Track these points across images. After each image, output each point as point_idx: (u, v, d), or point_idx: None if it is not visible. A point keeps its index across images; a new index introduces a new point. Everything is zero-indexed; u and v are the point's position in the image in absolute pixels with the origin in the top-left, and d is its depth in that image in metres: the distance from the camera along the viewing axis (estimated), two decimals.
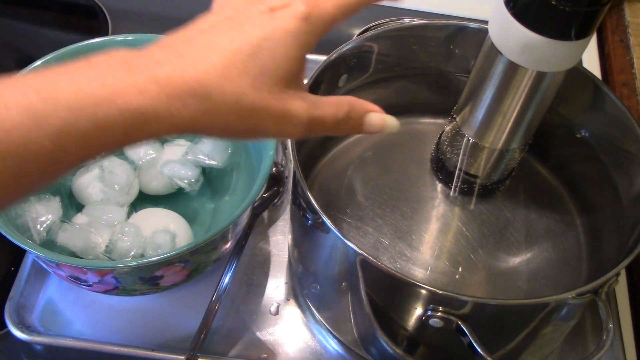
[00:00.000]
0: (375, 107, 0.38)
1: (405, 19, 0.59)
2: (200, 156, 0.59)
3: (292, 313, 0.59)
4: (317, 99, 0.35)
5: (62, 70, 0.30)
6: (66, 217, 0.56)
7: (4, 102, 0.28)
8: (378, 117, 0.37)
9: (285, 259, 0.62)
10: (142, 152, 0.60)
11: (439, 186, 0.60)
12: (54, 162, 0.29)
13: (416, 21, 0.59)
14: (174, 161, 0.59)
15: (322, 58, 0.54)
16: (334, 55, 0.55)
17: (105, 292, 0.53)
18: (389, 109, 0.65)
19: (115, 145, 0.31)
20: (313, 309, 0.58)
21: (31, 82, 0.29)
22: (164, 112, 0.31)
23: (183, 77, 0.31)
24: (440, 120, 0.65)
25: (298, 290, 0.60)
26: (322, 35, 0.35)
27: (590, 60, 0.81)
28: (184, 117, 0.31)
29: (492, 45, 0.47)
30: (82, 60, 0.31)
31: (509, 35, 0.44)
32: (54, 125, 0.28)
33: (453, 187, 0.59)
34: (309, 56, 0.42)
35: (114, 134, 0.30)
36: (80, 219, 0.56)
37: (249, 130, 0.34)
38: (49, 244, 0.54)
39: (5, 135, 0.28)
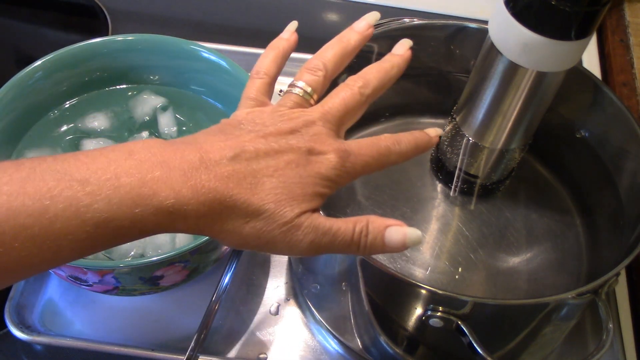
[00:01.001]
0: (395, 221, 0.37)
1: (405, 19, 0.59)
2: None
3: (292, 313, 0.59)
4: (332, 218, 0.36)
5: (104, 159, 0.32)
6: None
7: (49, 190, 0.29)
8: (399, 231, 0.37)
9: (285, 259, 0.62)
10: None
11: (439, 186, 0.60)
12: (87, 248, 0.31)
13: (416, 21, 0.59)
14: None
15: None
16: None
17: (105, 292, 0.53)
18: (389, 109, 0.66)
19: (145, 235, 0.33)
20: (313, 309, 0.58)
21: (74, 173, 0.30)
22: (191, 214, 0.32)
23: (216, 187, 0.33)
24: (440, 120, 0.65)
25: (298, 290, 0.60)
26: (344, 185, 0.37)
27: (590, 60, 0.81)
28: (207, 222, 0.33)
29: (492, 45, 0.47)
30: (122, 147, 0.33)
31: (509, 35, 0.44)
32: (93, 219, 0.30)
33: (453, 187, 0.59)
34: (310, 56, 0.42)
35: (146, 228, 0.32)
36: None
37: (260, 246, 0.35)
38: None
39: (48, 224, 0.29)
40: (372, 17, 0.43)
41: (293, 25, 0.43)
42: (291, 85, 0.39)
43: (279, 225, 0.34)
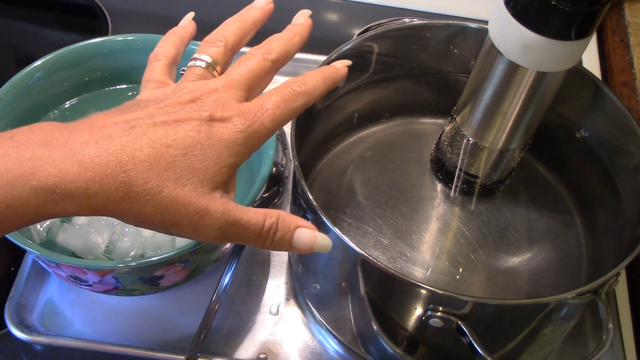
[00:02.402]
0: (307, 223, 0.36)
1: (405, 19, 0.59)
2: None
3: (292, 313, 0.59)
4: (243, 207, 0.35)
5: None
6: (66, 217, 0.56)
7: None
8: (309, 234, 0.36)
9: (285, 259, 0.62)
10: None
11: (439, 186, 0.60)
12: None
13: (416, 21, 0.59)
14: None
15: (322, 58, 0.54)
16: (334, 55, 0.55)
17: (105, 292, 0.53)
18: (389, 109, 0.66)
19: (26, 222, 0.31)
20: (313, 309, 0.58)
21: None
22: (79, 193, 0.30)
23: (107, 162, 0.30)
24: (440, 120, 0.65)
25: (298, 290, 0.60)
26: (256, 148, 0.35)
27: (590, 60, 0.81)
28: (99, 201, 0.31)
29: (492, 45, 0.47)
30: (5, 132, 0.31)
31: (509, 35, 0.44)
32: None
33: (453, 187, 0.59)
34: (310, 56, 0.42)
35: (27, 213, 0.30)
36: (80, 219, 0.56)
37: (163, 223, 0.33)
38: (49, 244, 0.54)
39: None
40: None
41: (190, 15, 0.44)
42: (193, 59, 0.38)
43: (183, 206, 0.32)
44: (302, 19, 0.42)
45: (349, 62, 0.42)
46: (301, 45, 0.41)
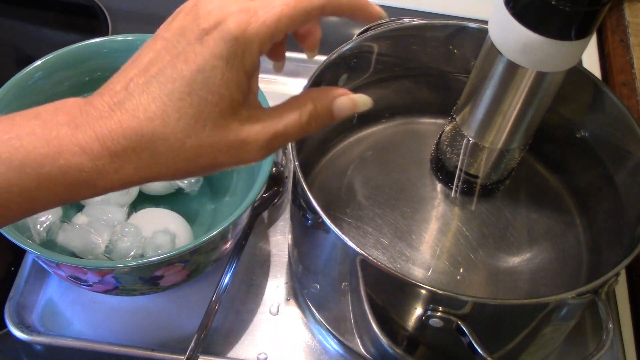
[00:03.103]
0: (340, 90, 0.35)
1: (405, 19, 0.59)
2: None
3: (292, 313, 0.59)
4: (274, 111, 0.33)
5: (8, 122, 0.30)
6: (66, 217, 0.56)
7: None
8: (347, 100, 0.34)
9: (285, 259, 0.62)
10: None
11: (439, 186, 0.60)
12: None
13: (416, 21, 0.59)
14: None
15: (322, 58, 0.54)
16: (334, 55, 0.55)
17: (105, 292, 0.53)
18: (389, 109, 0.66)
19: (60, 201, 0.31)
20: (313, 309, 0.58)
21: None
22: (107, 169, 0.30)
23: (124, 132, 0.30)
24: (440, 120, 0.65)
25: (298, 290, 0.60)
26: (262, 51, 0.32)
27: (590, 60, 0.81)
28: (129, 172, 0.30)
29: (492, 45, 0.47)
30: (31, 110, 0.31)
31: (509, 35, 0.44)
32: None
33: (453, 187, 0.59)
34: None
35: (56, 192, 0.30)
36: (80, 219, 0.56)
37: (202, 168, 0.32)
38: (49, 244, 0.54)
39: None
40: None
41: None
42: None
43: (216, 147, 0.31)
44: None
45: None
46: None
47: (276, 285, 0.60)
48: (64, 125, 0.30)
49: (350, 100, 0.34)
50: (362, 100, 0.35)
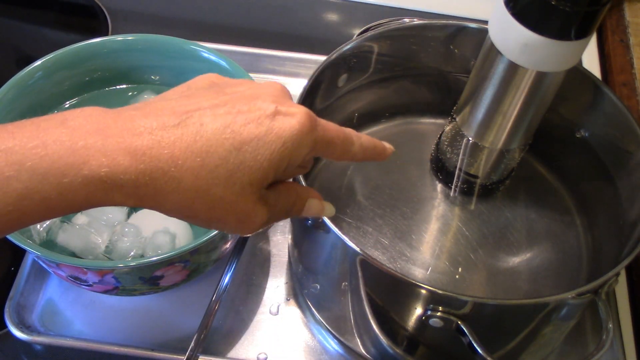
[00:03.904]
0: (316, 194, 0.39)
1: (405, 19, 0.59)
2: None
3: (292, 313, 0.59)
4: (274, 197, 0.35)
5: (33, 127, 0.30)
6: (66, 217, 0.56)
7: None
8: (317, 203, 0.39)
9: (285, 259, 0.62)
10: None
11: (439, 186, 0.60)
12: (13, 222, 0.29)
13: (416, 21, 0.59)
14: None
15: (322, 58, 0.54)
16: (334, 55, 0.55)
17: (105, 292, 0.53)
18: (389, 109, 0.66)
19: (76, 209, 0.31)
20: (313, 309, 0.58)
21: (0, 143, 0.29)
22: (129, 185, 0.30)
23: (159, 155, 0.30)
24: (440, 120, 0.65)
25: (298, 290, 0.60)
26: (307, 157, 0.35)
27: (590, 60, 0.81)
28: (148, 193, 0.31)
29: (492, 45, 0.47)
30: (57, 115, 0.30)
31: (509, 35, 0.44)
32: (16, 190, 0.28)
33: (453, 187, 0.59)
34: (310, 56, 0.42)
35: (76, 201, 0.30)
36: (80, 219, 0.56)
37: (209, 219, 0.33)
38: (49, 244, 0.54)
39: None
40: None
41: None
42: None
43: (230, 205, 0.32)
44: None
45: (393, 150, 0.42)
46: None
47: (276, 285, 0.60)
48: (93, 133, 0.30)
49: (320, 204, 0.39)
50: (329, 209, 0.40)
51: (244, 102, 0.33)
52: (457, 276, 0.55)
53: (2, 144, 0.28)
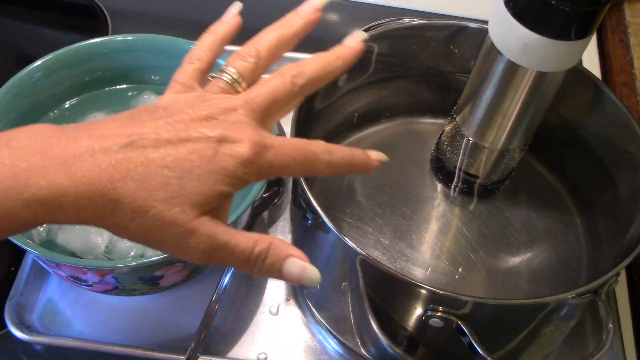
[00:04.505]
0: (299, 253, 0.34)
1: (405, 19, 0.59)
2: None
3: (292, 313, 0.59)
4: (234, 230, 0.34)
5: None
6: None
7: None
8: (299, 264, 0.34)
9: None
10: None
11: (439, 186, 0.60)
12: None
13: (416, 21, 0.59)
14: None
15: None
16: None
17: (105, 292, 0.53)
18: (389, 109, 0.66)
19: (20, 230, 0.31)
20: (313, 309, 0.58)
21: None
22: (69, 206, 0.30)
23: (99, 179, 0.30)
24: (440, 120, 0.65)
25: (298, 290, 0.60)
26: (255, 182, 0.34)
27: (590, 60, 0.81)
28: (88, 214, 0.31)
29: (492, 45, 0.47)
30: (2, 135, 0.31)
31: (509, 35, 0.44)
32: None
33: (453, 187, 0.59)
34: (309, 56, 0.42)
35: (18, 222, 0.30)
36: None
37: (147, 239, 0.32)
38: (49, 244, 0.54)
39: None
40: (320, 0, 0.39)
41: (236, 6, 0.40)
42: (220, 70, 0.37)
43: (168, 227, 0.31)
44: (352, 42, 0.39)
45: (384, 158, 0.39)
46: (343, 70, 0.38)
47: (276, 285, 0.60)
48: (35, 154, 0.30)
49: (302, 266, 0.34)
50: (312, 273, 0.35)
51: (189, 128, 0.32)
52: (457, 276, 0.55)
53: None
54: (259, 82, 0.36)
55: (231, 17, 0.39)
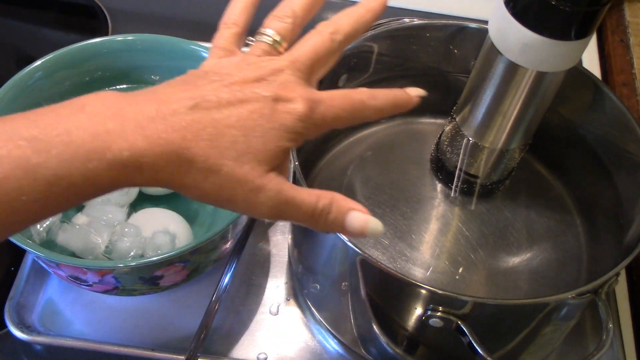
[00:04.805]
0: (360, 207, 0.36)
1: (405, 19, 0.60)
2: None
3: (292, 313, 0.59)
4: (298, 187, 0.35)
5: (54, 115, 0.31)
6: (66, 217, 0.56)
7: None
8: (362, 217, 0.35)
9: (285, 259, 0.62)
10: None
11: (439, 186, 0.60)
12: (43, 209, 0.30)
13: (416, 21, 0.59)
14: None
15: None
16: None
17: (105, 292, 0.53)
18: None
19: (101, 193, 0.32)
20: (313, 309, 0.58)
21: (23, 132, 0.30)
22: (148, 167, 0.31)
23: (173, 139, 0.31)
24: (440, 120, 0.65)
25: (298, 290, 0.60)
26: (314, 136, 0.35)
27: (590, 60, 0.81)
28: (165, 175, 0.32)
29: (492, 45, 0.47)
30: (75, 102, 0.32)
31: (509, 35, 0.44)
32: (45, 177, 0.29)
33: (453, 187, 0.59)
34: None
35: (101, 184, 0.31)
36: (80, 219, 0.56)
37: (219, 198, 0.33)
38: (49, 244, 0.54)
39: None
40: None
41: None
42: (259, 33, 0.38)
43: (240, 184, 0.33)
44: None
45: (423, 93, 0.40)
46: (372, 22, 0.40)
47: (276, 285, 0.60)
48: (112, 118, 0.31)
49: (365, 219, 0.35)
50: (375, 225, 0.35)
51: (244, 89, 0.34)
52: (457, 276, 0.55)
53: (26, 133, 0.29)
54: (299, 41, 0.37)
55: None
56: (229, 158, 0.32)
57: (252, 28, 0.39)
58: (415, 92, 0.39)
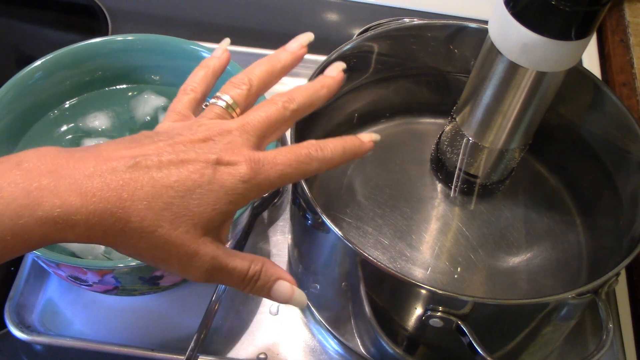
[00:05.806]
0: (288, 276, 0.37)
1: (405, 19, 0.59)
2: None
3: (292, 313, 0.59)
4: (232, 252, 0.36)
5: None
6: None
7: None
8: (287, 287, 0.37)
9: (285, 259, 0.62)
10: None
11: (439, 186, 0.60)
12: None
13: (416, 21, 0.59)
14: None
15: (322, 58, 0.54)
16: (334, 55, 0.55)
17: (105, 292, 0.53)
18: (389, 109, 0.66)
19: (33, 248, 0.32)
20: (313, 309, 0.58)
21: None
22: (80, 224, 0.31)
23: (108, 197, 0.31)
24: (440, 120, 0.65)
25: None
26: (258, 197, 0.36)
27: (590, 60, 0.81)
28: (98, 233, 0.32)
29: (492, 45, 0.47)
30: (12, 157, 0.32)
31: (509, 35, 0.44)
32: None
33: (453, 187, 0.59)
34: (309, 56, 0.42)
35: (32, 240, 0.31)
36: None
37: (153, 258, 0.34)
38: None
39: None
40: (305, 37, 0.42)
41: (225, 42, 0.43)
42: (215, 97, 0.39)
43: (174, 247, 0.33)
44: (334, 72, 0.42)
45: (377, 138, 0.41)
46: (328, 98, 0.41)
47: None
48: (47, 174, 0.31)
49: (290, 289, 0.37)
50: (299, 297, 0.37)
51: (188, 149, 0.34)
52: (456, 276, 0.55)
53: None
54: (252, 108, 0.38)
55: (221, 52, 0.43)
56: (164, 220, 0.32)
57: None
58: (368, 138, 0.40)
